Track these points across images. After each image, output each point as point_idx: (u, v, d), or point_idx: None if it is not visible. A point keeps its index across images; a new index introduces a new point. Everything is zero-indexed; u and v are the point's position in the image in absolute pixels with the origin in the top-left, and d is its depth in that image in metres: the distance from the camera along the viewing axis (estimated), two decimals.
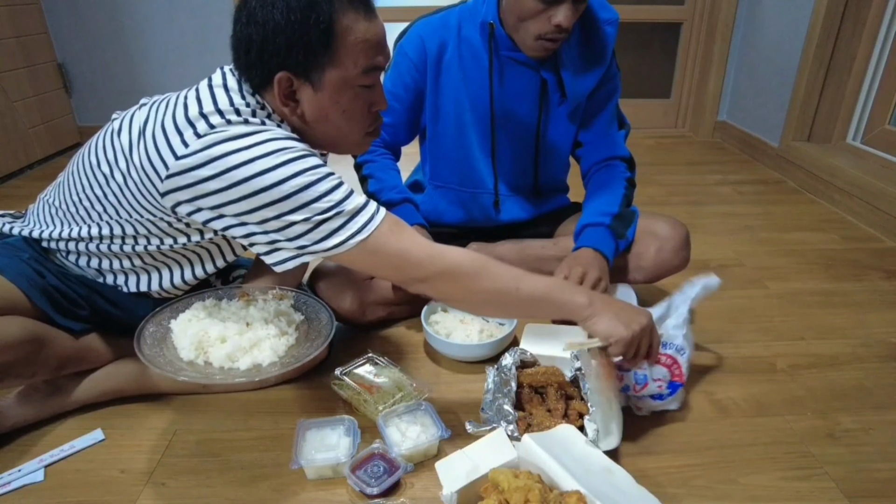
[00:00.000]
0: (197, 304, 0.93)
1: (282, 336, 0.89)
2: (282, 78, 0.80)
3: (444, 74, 1.22)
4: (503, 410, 0.90)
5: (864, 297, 1.41)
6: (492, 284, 0.84)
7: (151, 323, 0.88)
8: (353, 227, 0.79)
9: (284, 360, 0.85)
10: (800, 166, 2.18)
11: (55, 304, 0.94)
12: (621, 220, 1.19)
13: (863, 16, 2.02)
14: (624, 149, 1.28)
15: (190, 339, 0.84)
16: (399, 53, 1.23)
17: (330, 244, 0.79)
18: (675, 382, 0.96)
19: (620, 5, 2.64)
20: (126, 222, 0.89)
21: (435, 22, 1.22)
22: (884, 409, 1.02)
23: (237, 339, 0.85)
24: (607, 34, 1.19)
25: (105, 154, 0.87)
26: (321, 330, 0.92)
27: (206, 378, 0.81)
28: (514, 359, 0.98)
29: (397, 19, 2.64)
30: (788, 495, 0.85)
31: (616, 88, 1.26)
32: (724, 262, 1.58)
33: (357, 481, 0.83)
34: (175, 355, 0.84)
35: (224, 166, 0.76)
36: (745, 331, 1.26)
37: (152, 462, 0.91)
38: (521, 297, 0.85)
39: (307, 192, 0.77)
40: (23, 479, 0.87)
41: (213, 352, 0.84)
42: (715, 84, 2.74)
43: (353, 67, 0.81)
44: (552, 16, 1.04)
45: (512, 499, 0.71)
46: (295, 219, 0.78)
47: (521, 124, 1.25)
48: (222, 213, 0.80)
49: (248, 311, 0.92)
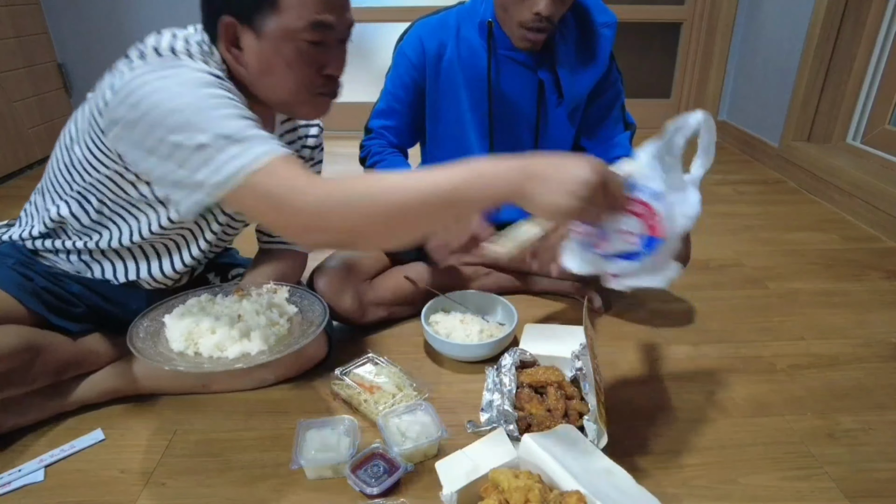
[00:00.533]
0: (192, 300, 0.93)
1: (272, 326, 0.88)
2: (226, 23, 0.81)
3: (444, 75, 1.22)
4: (503, 410, 0.90)
5: (865, 297, 1.41)
6: (391, 199, 0.67)
7: (146, 318, 0.89)
8: (246, 157, 0.70)
9: (275, 349, 0.84)
10: (800, 166, 2.18)
11: (48, 305, 0.94)
12: None
13: (863, 16, 2.02)
14: (629, 149, 1.28)
15: (180, 331, 0.85)
16: (399, 55, 1.24)
17: (222, 175, 0.70)
18: (652, 238, 0.73)
19: (620, 5, 2.66)
20: (89, 188, 0.89)
21: (434, 23, 1.22)
22: (884, 409, 1.02)
23: (226, 329, 0.85)
24: (604, 36, 1.19)
25: (71, 123, 0.91)
26: (314, 321, 0.91)
27: (195, 367, 0.81)
28: (514, 359, 0.98)
29: (398, 19, 2.65)
30: (788, 495, 0.85)
31: (619, 93, 1.26)
32: (724, 262, 1.58)
33: (357, 481, 0.83)
34: (167, 347, 0.84)
35: (137, 96, 0.74)
36: (745, 331, 1.26)
37: (152, 462, 0.91)
38: (431, 202, 0.67)
39: (204, 117, 0.72)
40: (23, 479, 0.87)
41: (203, 342, 0.84)
42: (715, 84, 2.75)
43: (297, 19, 0.79)
44: (533, 3, 1.05)
45: (512, 499, 0.71)
46: (189, 143, 0.71)
47: (519, 124, 1.25)
48: (137, 146, 0.77)
49: (241, 304, 0.92)
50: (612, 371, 1.13)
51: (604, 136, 1.28)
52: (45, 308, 0.93)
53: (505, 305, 1.22)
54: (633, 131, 1.31)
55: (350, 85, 0.95)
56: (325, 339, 1.11)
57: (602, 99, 1.24)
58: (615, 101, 1.26)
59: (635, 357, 1.18)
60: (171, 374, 1.02)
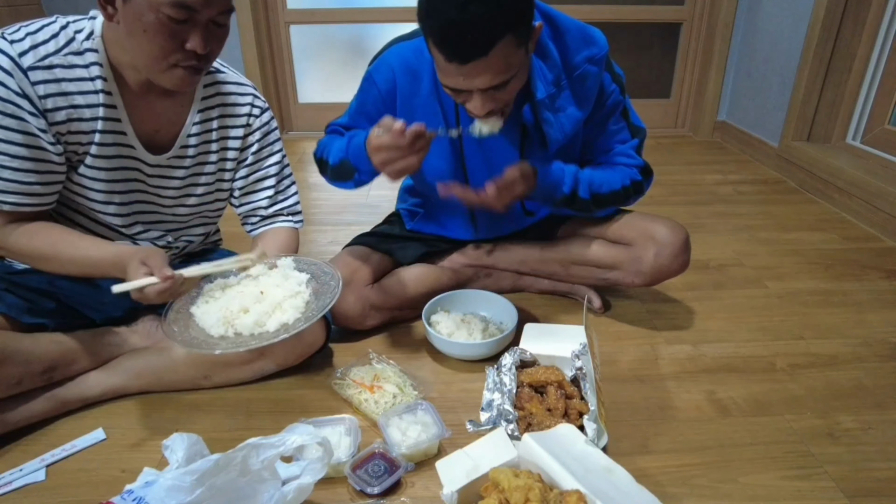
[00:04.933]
0: (206, 287, 0.97)
1: (297, 295, 0.95)
2: None
3: (420, 109, 1.11)
4: (503, 410, 0.90)
5: (864, 296, 1.41)
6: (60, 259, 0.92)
7: (171, 312, 0.93)
8: None
9: (308, 314, 0.91)
10: (800, 166, 2.18)
11: (15, 306, 0.95)
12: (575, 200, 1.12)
13: (863, 16, 2.02)
14: (635, 158, 1.18)
15: (215, 316, 0.90)
16: (367, 81, 1.13)
17: None
18: None
19: (620, 5, 2.67)
20: None
21: (409, 50, 1.09)
22: (883, 409, 1.03)
23: (258, 306, 0.91)
24: (590, 73, 1.06)
25: None
26: (329, 282, 0.98)
27: (243, 346, 0.87)
28: (514, 358, 0.98)
29: (398, 20, 2.65)
30: (788, 495, 0.86)
31: (616, 104, 1.14)
32: (724, 262, 1.59)
33: (357, 480, 0.84)
34: (205, 335, 0.89)
35: None
36: (745, 330, 1.27)
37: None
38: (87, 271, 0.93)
39: None
40: (24, 478, 0.87)
41: (240, 322, 0.90)
42: (715, 84, 2.75)
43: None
44: (465, 101, 0.95)
45: (512, 498, 0.71)
46: None
47: (503, 156, 1.15)
48: None
49: (258, 280, 0.96)
50: (612, 371, 1.13)
51: (605, 147, 1.18)
52: (13, 309, 0.94)
53: (505, 305, 1.23)
54: (643, 137, 1.18)
55: (349, 85, 0.94)
56: (322, 326, 1.11)
57: (596, 118, 1.14)
58: (613, 112, 1.15)
59: (635, 357, 1.18)
60: (172, 369, 1.03)
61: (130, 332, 1.08)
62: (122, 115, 0.94)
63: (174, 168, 1.02)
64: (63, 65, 0.87)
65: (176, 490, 0.66)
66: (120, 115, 0.93)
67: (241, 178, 1.10)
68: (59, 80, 0.87)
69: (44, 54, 0.86)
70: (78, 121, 0.90)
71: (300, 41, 2.77)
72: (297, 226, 1.17)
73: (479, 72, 0.88)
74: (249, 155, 1.09)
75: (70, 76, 0.88)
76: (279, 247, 1.10)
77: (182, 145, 1.01)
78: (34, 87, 0.85)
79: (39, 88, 0.85)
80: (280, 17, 2.70)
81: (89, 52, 0.89)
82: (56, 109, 0.87)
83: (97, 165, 0.95)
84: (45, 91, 0.86)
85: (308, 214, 1.96)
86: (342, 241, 1.38)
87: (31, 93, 0.85)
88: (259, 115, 1.09)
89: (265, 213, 1.13)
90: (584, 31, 1.06)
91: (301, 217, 1.18)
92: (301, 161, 2.53)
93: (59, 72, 0.87)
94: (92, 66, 0.89)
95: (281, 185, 1.14)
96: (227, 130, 1.06)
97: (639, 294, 1.41)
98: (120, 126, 0.94)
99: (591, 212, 1.20)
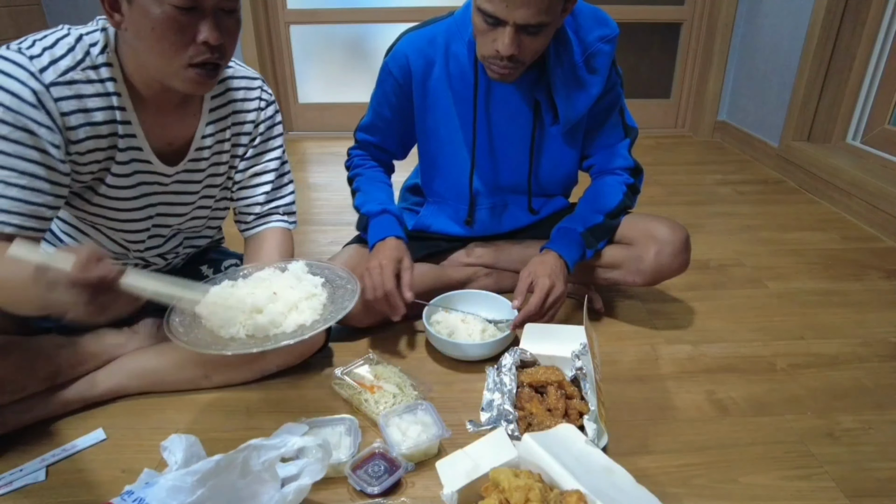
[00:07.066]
0: (213, 289, 0.92)
1: (313, 297, 0.93)
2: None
3: (432, 95, 1.17)
4: (503, 410, 0.90)
5: (864, 296, 1.41)
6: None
7: (175, 314, 0.88)
8: None
9: (326, 316, 0.89)
10: (800, 166, 2.18)
11: None
12: (595, 231, 1.19)
13: (863, 16, 2.02)
14: (627, 158, 1.24)
15: (225, 316, 0.86)
16: (384, 72, 1.18)
17: None
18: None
19: (620, 5, 2.67)
20: None
21: (421, 38, 1.15)
22: (884, 409, 1.03)
23: (272, 306, 0.88)
24: (603, 52, 1.11)
25: None
26: (345, 286, 0.96)
27: (258, 346, 0.83)
28: (514, 358, 0.98)
29: (398, 20, 2.65)
30: (788, 495, 0.86)
31: (618, 97, 1.20)
32: (724, 262, 1.59)
33: (358, 480, 0.84)
34: (214, 335, 0.85)
35: None
36: (745, 330, 1.27)
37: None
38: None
39: None
40: (24, 478, 0.87)
41: (253, 323, 0.86)
42: (715, 84, 2.75)
43: None
44: (495, 39, 0.98)
45: (512, 498, 0.71)
46: None
47: (513, 144, 1.21)
48: None
49: (270, 282, 0.93)
50: (612, 371, 1.13)
51: (603, 143, 1.23)
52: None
53: (505, 305, 1.23)
54: (634, 136, 1.25)
55: (350, 85, 0.94)
56: None
57: (600, 105, 1.18)
58: (614, 105, 1.20)
59: (635, 357, 1.18)
60: (173, 369, 1.03)
61: (132, 333, 1.08)
62: (137, 131, 0.91)
63: (192, 172, 1.01)
64: (82, 80, 0.84)
65: (177, 490, 0.66)
66: (135, 131, 0.91)
67: (239, 171, 1.08)
68: (80, 95, 0.84)
69: (64, 69, 0.82)
70: (96, 138, 0.87)
71: (300, 41, 2.77)
72: (290, 227, 1.15)
73: (523, 3, 0.91)
74: (251, 148, 1.08)
75: (89, 91, 0.85)
76: (279, 251, 1.09)
77: (197, 148, 0.99)
78: (57, 104, 0.82)
79: (62, 105, 0.82)
80: (280, 17, 2.71)
81: (104, 66, 0.86)
82: (77, 127, 0.84)
83: (118, 185, 0.93)
84: (67, 108, 0.83)
85: (308, 214, 1.96)
86: (342, 241, 1.38)
87: (54, 109, 0.81)
88: (265, 108, 1.07)
89: (261, 210, 1.10)
90: (596, 12, 1.12)
91: (295, 218, 1.16)
92: (301, 161, 2.53)
93: (80, 87, 0.84)
94: (108, 81, 0.86)
95: (279, 182, 1.12)
96: (240, 127, 1.05)
97: (639, 294, 1.41)
98: (136, 142, 0.92)
99: (614, 228, 1.24)
